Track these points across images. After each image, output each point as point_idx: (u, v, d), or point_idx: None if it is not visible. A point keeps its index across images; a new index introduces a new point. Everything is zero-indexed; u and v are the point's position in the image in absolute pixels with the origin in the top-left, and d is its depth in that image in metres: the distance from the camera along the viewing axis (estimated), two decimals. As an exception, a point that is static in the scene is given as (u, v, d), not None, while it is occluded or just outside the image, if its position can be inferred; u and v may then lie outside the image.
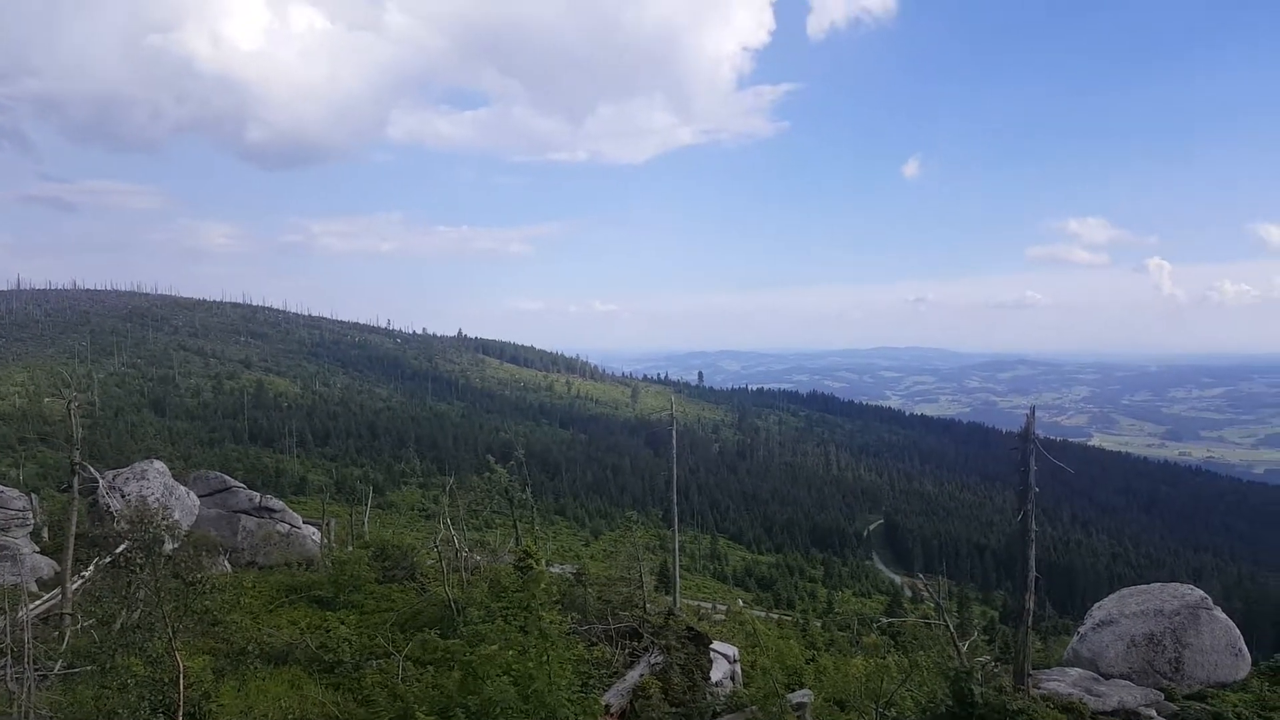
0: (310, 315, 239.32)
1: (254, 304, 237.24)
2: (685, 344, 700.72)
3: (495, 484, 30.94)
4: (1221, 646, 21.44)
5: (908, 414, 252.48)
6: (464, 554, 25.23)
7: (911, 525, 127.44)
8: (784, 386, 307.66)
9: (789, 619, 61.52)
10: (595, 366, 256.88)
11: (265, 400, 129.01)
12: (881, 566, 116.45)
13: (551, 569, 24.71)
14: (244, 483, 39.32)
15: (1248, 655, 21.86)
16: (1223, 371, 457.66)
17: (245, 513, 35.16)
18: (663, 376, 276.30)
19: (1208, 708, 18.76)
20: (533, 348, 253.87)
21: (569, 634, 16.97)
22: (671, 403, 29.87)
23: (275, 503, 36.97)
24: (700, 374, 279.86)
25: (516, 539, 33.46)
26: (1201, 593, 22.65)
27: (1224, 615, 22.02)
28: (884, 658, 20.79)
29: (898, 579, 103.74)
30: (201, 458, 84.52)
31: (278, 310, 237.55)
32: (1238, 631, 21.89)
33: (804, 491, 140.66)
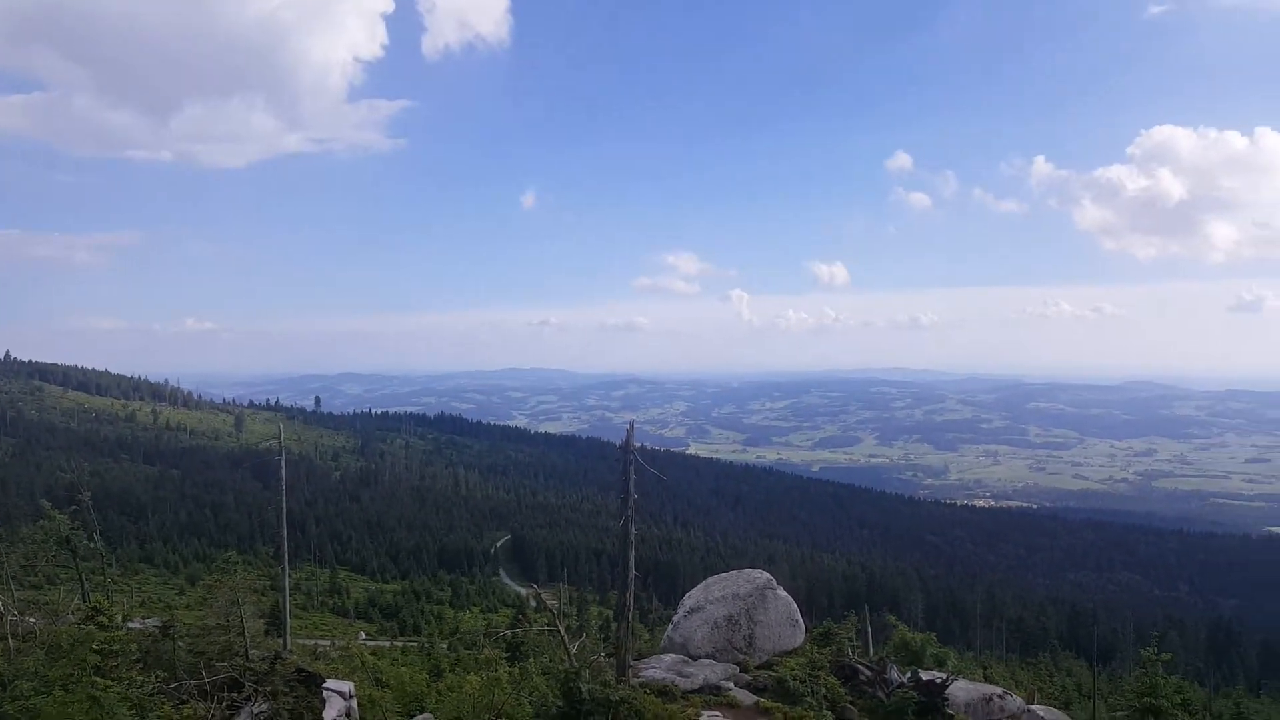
0: None
1: None
2: (301, 367, 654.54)
3: (51, 533, 26.35)
4: (784, 620, 25.16)
5: (533, 432, 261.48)
6: (11, 618, 21.08)
7: (536, 538, 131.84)
8: (411, 409, 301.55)
9: (414, 644, 60.19)
10: (189, 393, 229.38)
11: None
12: (508, 581, 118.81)
13: (131, 625, 21.58)
14: None
15: (803, 624, 25.93)
16: (789, 386, 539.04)
17: None
18: (273, 402, 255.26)
19: (773, 674, 21.85)
20: (108, 372, 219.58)
21: (152, 694, 15.01)
22: (280, 430, 27.77)
23: None
24: (318, 399, 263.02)
25: (84, 595, 28.71)
26: (768, 575, 26.40)
27: (785, 593, 25.87)
28: (496, 670, 21.23)
29: (523, 591, 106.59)
30: None
31: None
32: (795, 606, 25.85)
33: (433, 514, 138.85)
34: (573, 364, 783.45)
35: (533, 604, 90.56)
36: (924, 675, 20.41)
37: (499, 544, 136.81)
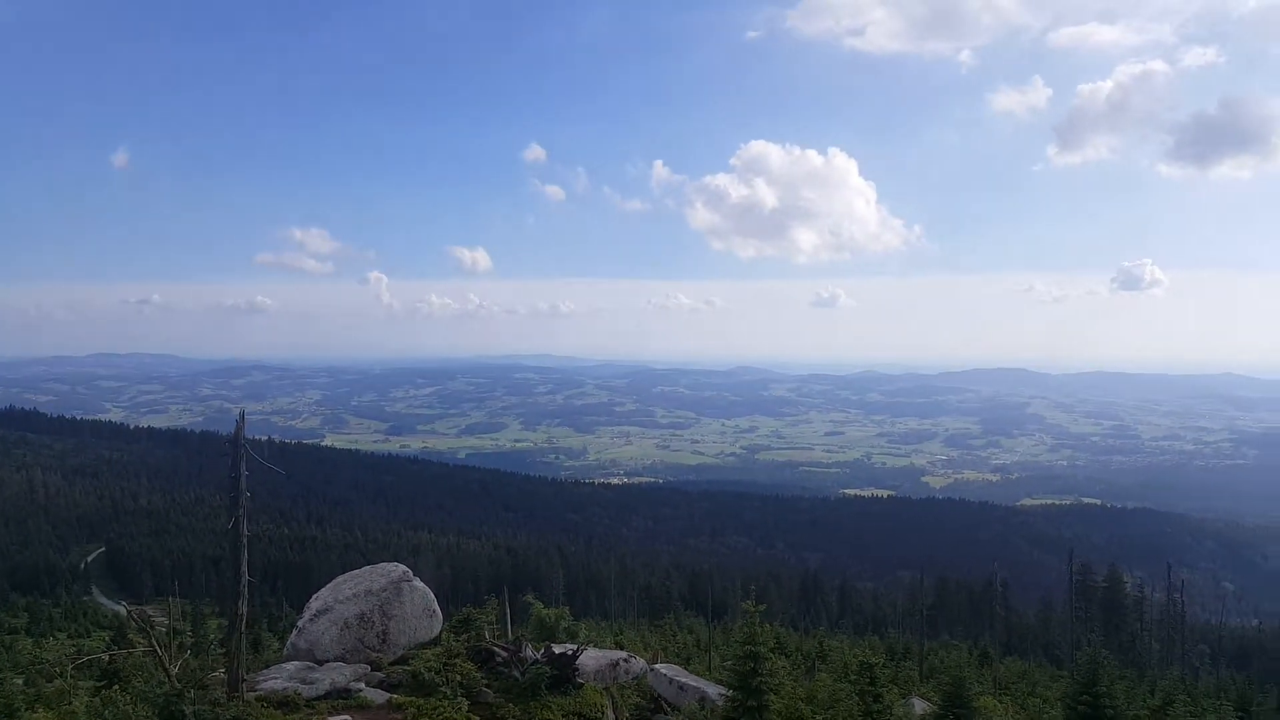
0: None
1: None
2: None
3: None
4: (421, 612, 24.25)
5: (132, 427, 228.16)
6: None
7: (138, 548, 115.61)
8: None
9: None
10: None
11: None
12: (104, 599, 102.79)
13: None
14: None
15: (440, 614, 25.22)
16: (433, 372, 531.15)
17: None
18: None
19: (407, 668, 20.89)
20: None
21: None
22: None
23: None
24: None
25: None
26: (405, 568, 25.29)
27: (422, 584, 24.94)
28: (72, 703, 17.85)
29: (123, 609, 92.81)
30: None
31: None
32: (432, 595, 25.04)
33: (1, 528, 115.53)
34: (183, 349, 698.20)
35: (134, 624, 79.32)
36: (556, 649, 20.82)
37: (90, 558, 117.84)
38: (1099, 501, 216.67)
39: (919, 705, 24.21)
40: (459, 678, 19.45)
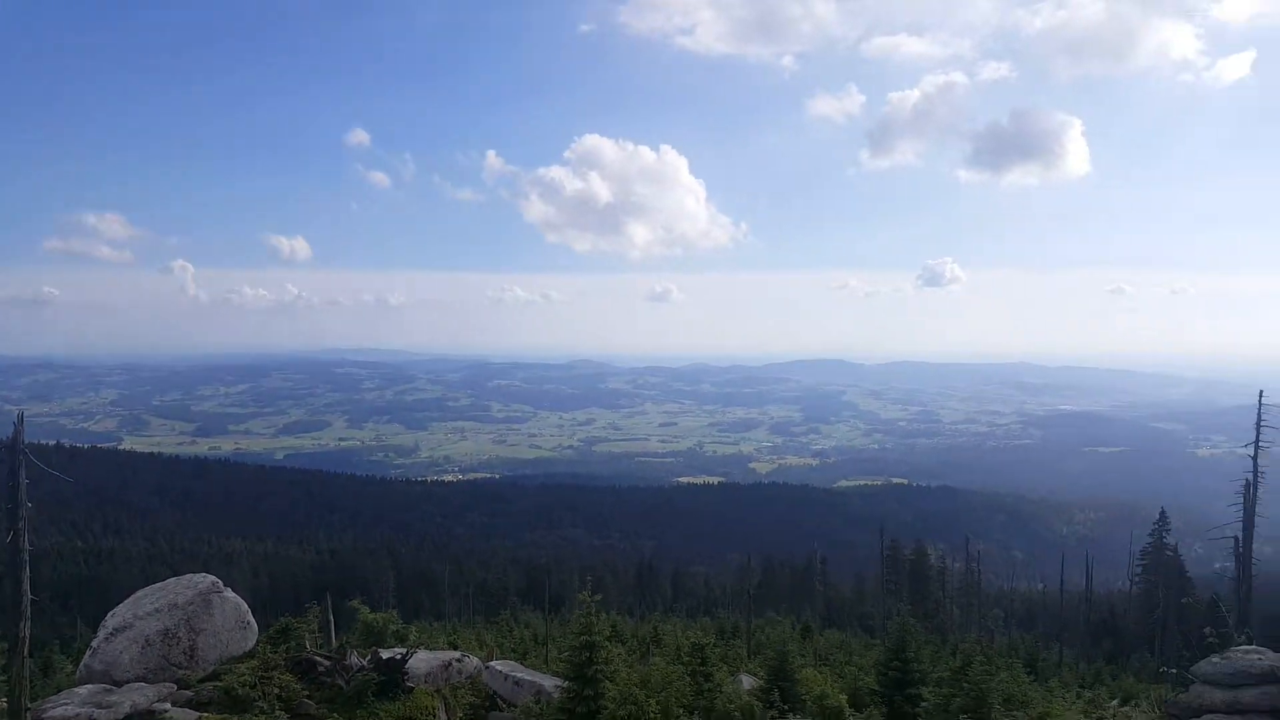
0: None
1: None
2: None
3: None
4: (233, 624, 22.63)
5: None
6: None
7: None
8: None
9: None
10: None
11: None
12: None
13: None
14: None
15: (255, 625, 23.66)
16: (246, 369, 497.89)
17: None
18: None
19: (219, 684, 19.48)
20: None
21: None
22: None
23: None
24: None
25: None
26: (214, 578, 23.52)
27: (234, 595, 23.30)
28: None
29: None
30: None
31: None
32: (246, 606, 23.44)
33: None
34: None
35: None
36: (384, 654, 20.08)
37: None
38: (906, 481, 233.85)
39: (747, 681, 25.10)
40: (277, 691, 18.42)
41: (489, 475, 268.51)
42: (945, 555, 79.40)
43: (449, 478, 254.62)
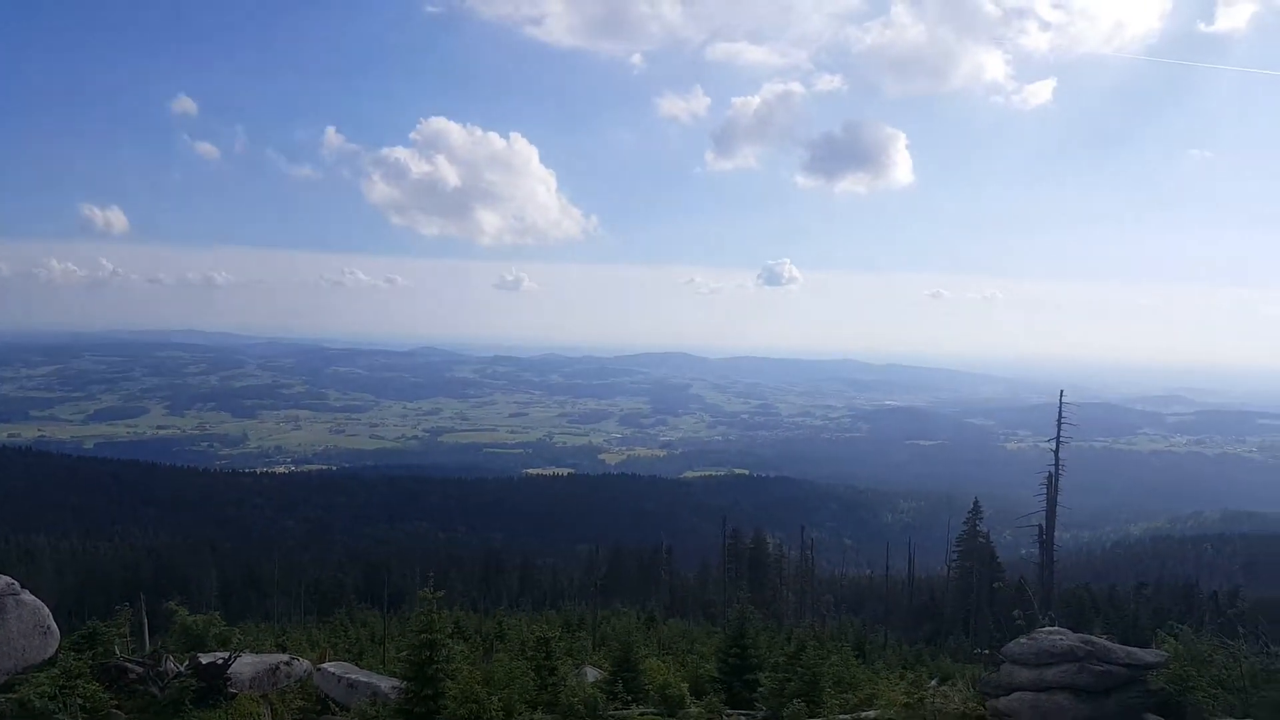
0: None
1: None
2: None
3: None
4: (30, 630, 20.49)
5: None
6: None
7: None
8: None
9: None
10: None
11: None
12: None
13: None
14: None
15: (57, 630, 21.55)
16: (53, 349, 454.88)
17: None
18: None
19: (13, 696, 17.62)
20: None
21: None
22: None
23: None
24: None
25: None
26: (8, 579, 21.21)
27: (32, 598, 21.11)
28: None
29: None
30: None
31: None
32: (47, 610, 21.27)
33: None
34: None
35: None
36: (204, 659, 18.72)
37: None
38: (747, 472, 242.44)
39: (591, 673, 25.13)
40: (81, 701, 16.83)
41: (325, 467, 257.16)
42: (783, 543, 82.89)
43: (281, 469, 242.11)
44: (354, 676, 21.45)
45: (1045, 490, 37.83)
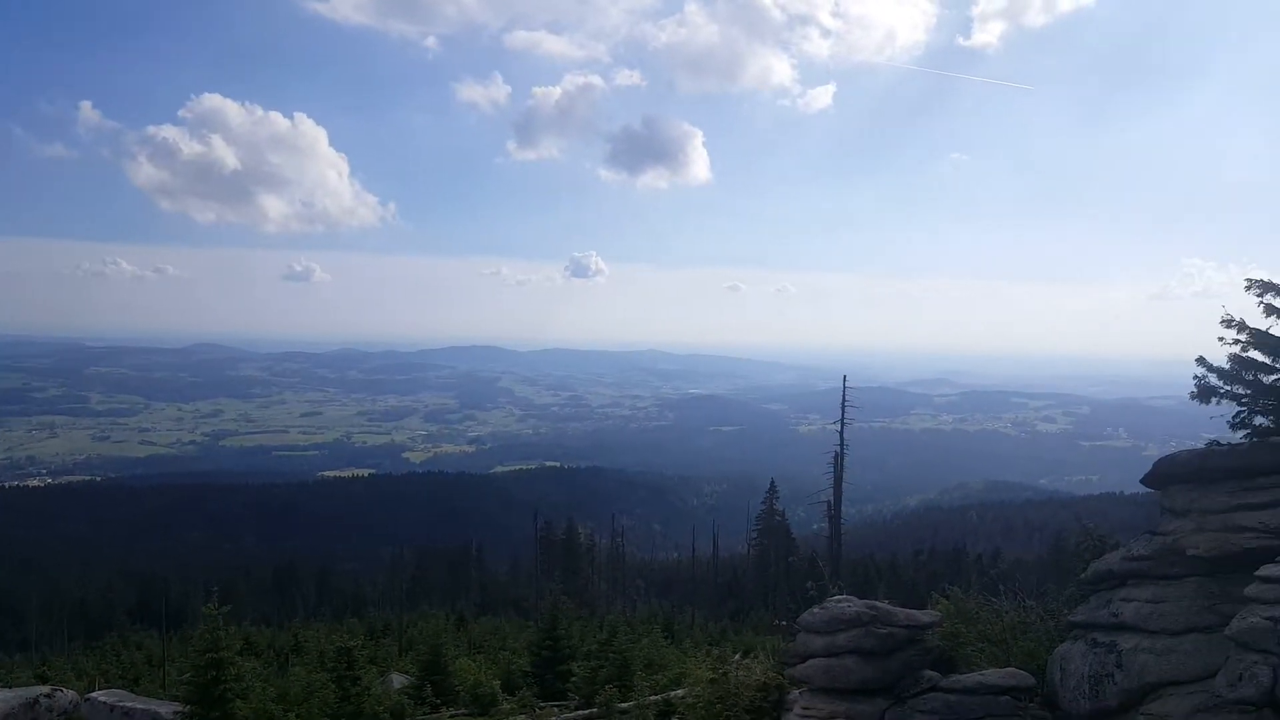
0: None
1: None
2: None
3: None
4: None
5: None
6: None
7: None
8: None
9: None
10: None
11: None
12: None
13: None
14: None
15: None
16: None
17: None
18: None
19: None
20: None
21: None
22: None
23: None
24: None
25: None
26: None
27: None
28: None
29: None
30: None
31: None
32: None
33: None
34: None
35: None
36: (-59, 704, 16.33)
37: None
38: (558, 464, 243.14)
39: (397, 680, 24.29)
40: None
41: (88, 478, 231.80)
42: (594, 532, 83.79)
43: (34, 482, 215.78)
44: (129, 704, 19.53)
45: (833, 469, 40.53)
